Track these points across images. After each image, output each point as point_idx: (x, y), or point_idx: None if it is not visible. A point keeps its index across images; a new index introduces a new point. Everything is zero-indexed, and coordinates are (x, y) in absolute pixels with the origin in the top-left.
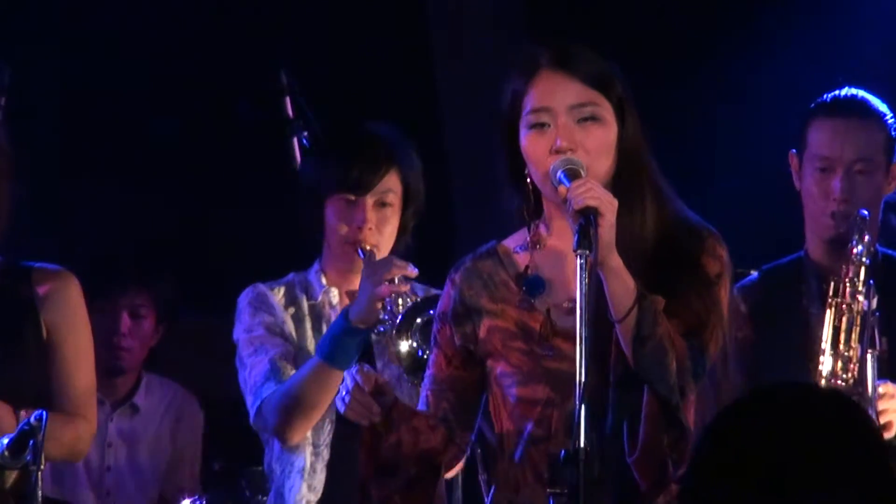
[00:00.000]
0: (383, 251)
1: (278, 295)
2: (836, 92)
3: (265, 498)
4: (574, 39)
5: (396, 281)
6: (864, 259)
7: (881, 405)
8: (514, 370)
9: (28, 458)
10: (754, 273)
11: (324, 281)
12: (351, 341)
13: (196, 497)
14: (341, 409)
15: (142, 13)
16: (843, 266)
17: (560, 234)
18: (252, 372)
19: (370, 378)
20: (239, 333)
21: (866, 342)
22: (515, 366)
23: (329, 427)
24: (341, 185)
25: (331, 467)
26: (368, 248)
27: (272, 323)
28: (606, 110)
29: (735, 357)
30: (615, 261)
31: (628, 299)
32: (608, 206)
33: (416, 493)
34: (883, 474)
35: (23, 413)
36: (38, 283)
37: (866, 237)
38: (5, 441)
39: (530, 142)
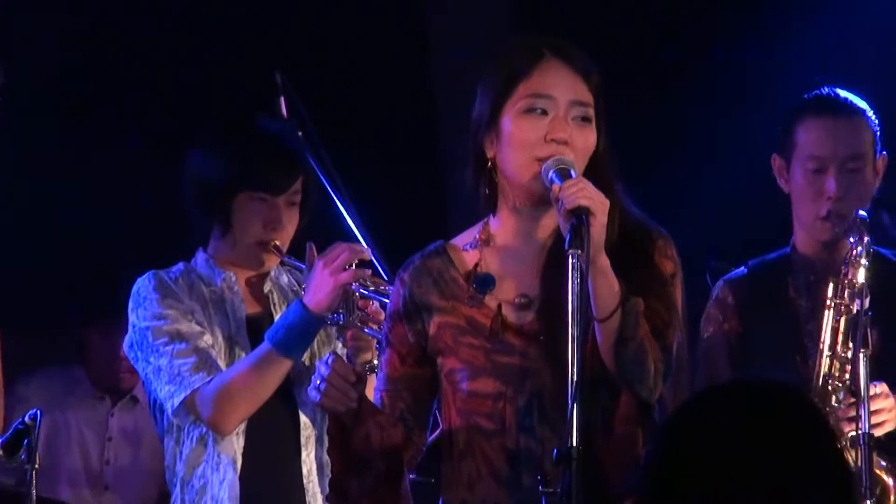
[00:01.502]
0: (285, 246)
1: (178, 282)
2: (818, 92)
3: None
4: (570, 38)
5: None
6: (863, 261)
7: (875, 404)
8: (464, 365)
9: (22, 457)
10: (742, 268)
11: (218, 269)
12: (307, 331)
13: None
14: (316, 398)
15: (139, 12)
16: (843, 268)
17: (512, 229)
18: (174, 361)
19: (347, 365)
20: (148, 320)
21: (859, 341)
22: (465, 360)
23: None
24: (258, 186)
25: (246, 454)
26: (279, 243)
27: (184, 310)
28: (593, 113)
29: (722, 349)
30: (603, 260)
31: (613, 300)
32: (600, 205)
33: (385, 490)
34: (834, 477)
35: None
36: None
37: (866, 239)
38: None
39: (522, 125)
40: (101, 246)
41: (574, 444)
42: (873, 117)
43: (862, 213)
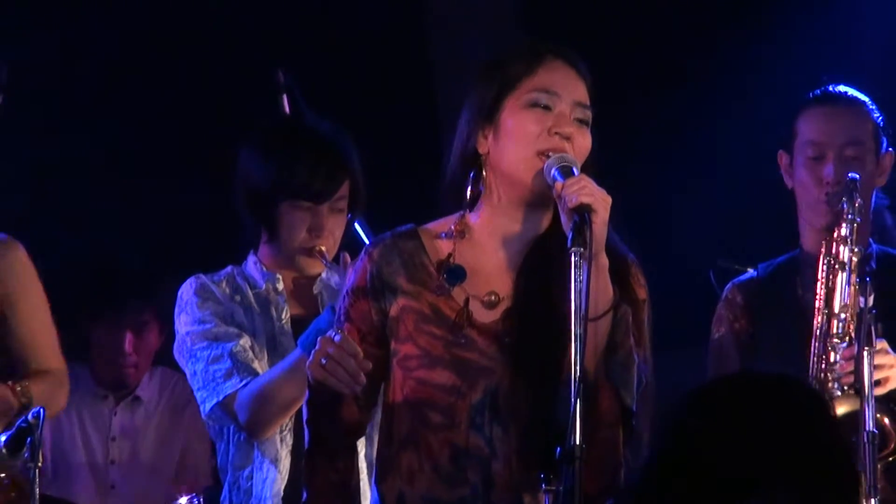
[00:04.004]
0: (333, 251)
1: (221, 285)
2: (822, 88)
3: None
4: (571, 41)
5: None
6: (856, 218)
7: (877, 360)
8: (421, 353)
9: (26, 455)
10: (752, 271)
11: (265, 271)
12: None
13: (193, 495)
14: (318, 374)
15: (139, 12)
16: (836, 227)
17: (492, 226)
18: (209, 367)
19: (357, 347)
20: (188, 325)
21: (863, 339)
22: (423, 348)
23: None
24: (301, 194)
25: (294, 452)
26: (324, 249)
27: (223, 313)
28: (590, 119)
29: (732, 347)
30: (604, 259)
31: (605, 302)
32: (602, 202)
33: (347, 467)
34: (837, 465)
35: None
36: None
37: (857, 200)
38: (2, 438)
39: (525, 118)
40: (104, 242)
41: (577, 442)
42: (875, 111)
43: (854, 175)
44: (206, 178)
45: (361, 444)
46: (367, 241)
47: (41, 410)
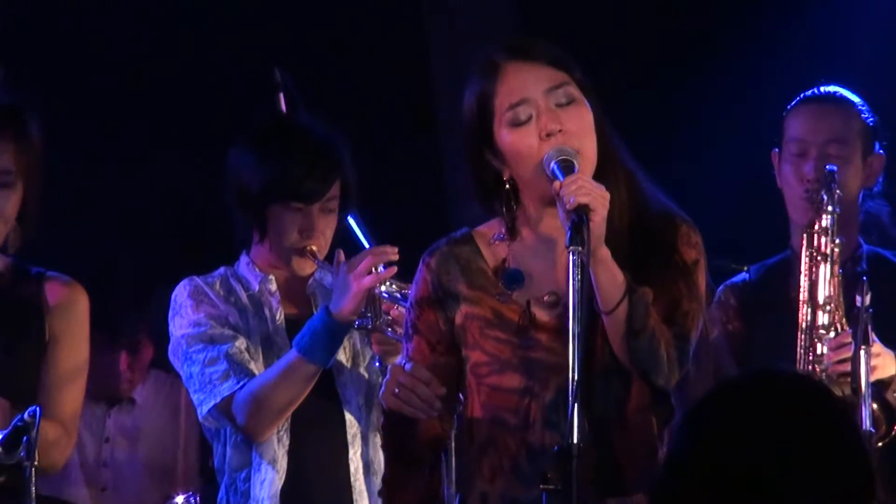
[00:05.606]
0: (324, 251)
1: (215, 287)
2: (814, 88)
3: None
4: (568, 41)
5: (380, 269)
6: (835, 209)
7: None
8: (490, 358)
9: (21, 454)
10: (745, 272)
11: (258, 272)
12: (332, 336)
13: (190, 493)
14: (391, 403)
15: (138, 12)
16: (815, 220)
17: (540, 227)
18: (206, 369)
19: (430, 375)
20: (183, 328)
21: (860, 338)
22: (492, 354)
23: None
24: (291, 195)
25: (291, 453)
26: (315, 249)
27: (217, 315)
28: (576, 90)
29: (726, 349)
30: (604, 252)
31: (617, 291)
32: (599, 200)
33: (433, 481)
34: (854, 468)
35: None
36: (49, 290)
37: (836, 192)
38: None
39: (517, 138)
40: (95, 257)
41: (575, 440)
42: (866, 112)
43: (832, 167)
44: (205, 178)
45: (357, 445)
46: (361, 237)
47: (37, 409)
